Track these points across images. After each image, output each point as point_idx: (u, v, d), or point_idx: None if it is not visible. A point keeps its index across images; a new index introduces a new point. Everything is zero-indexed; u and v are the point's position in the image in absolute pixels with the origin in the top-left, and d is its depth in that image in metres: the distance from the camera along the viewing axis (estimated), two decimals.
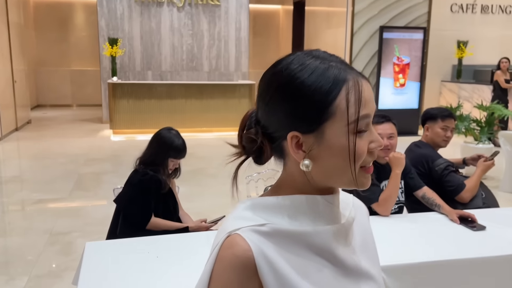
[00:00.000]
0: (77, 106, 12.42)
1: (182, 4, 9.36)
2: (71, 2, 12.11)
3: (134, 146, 7.31)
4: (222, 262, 0.71)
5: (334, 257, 0.77)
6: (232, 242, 0.72)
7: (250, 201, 0.78)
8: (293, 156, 0.75)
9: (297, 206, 0.76)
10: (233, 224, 0.74)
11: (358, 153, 0.72)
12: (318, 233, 0.75)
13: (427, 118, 2.94)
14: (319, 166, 0.74)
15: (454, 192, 2.73)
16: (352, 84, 0.72)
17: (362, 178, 0.75)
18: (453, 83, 9.24)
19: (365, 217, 0.92)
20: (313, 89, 0.71)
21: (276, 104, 0.74)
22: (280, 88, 0.73)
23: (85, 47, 12.32)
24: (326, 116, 0.71)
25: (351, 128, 0.71)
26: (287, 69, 0.73)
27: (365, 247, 0.86)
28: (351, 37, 8.64)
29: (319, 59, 0.74)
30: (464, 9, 9.26)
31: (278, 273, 0.71)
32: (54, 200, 4.73)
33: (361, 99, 0.71)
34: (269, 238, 0.73)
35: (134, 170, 2.56)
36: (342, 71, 0.72)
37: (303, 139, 0.73)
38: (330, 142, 0.72)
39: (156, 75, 9.51)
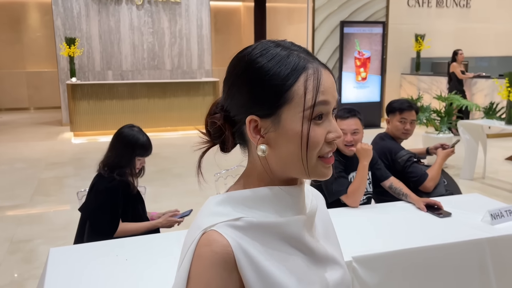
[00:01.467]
0: (35, 109, 11.99)
1: (141, 2, 9.18)
2: (23, 1, 11.66)
3: (96, 148, 7.12)
4: (201, 260, 0.70)
5: (305, 246, 0.79)
6: (209, 239, 0.71)
7: (220, 196, 0.78)
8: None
9: (266, 199, 0.77)
10: (208, 221, 0.74)
11: (312, 141, 0.73)
12: (289, 224, 0.77)
13: (388, 111, 2.99)
14: (275, 153, 0.75)
15: (418, 182, 2.79)
16: (312, 72, 0.73)
17: (320, 168, 0.76)
18: (412, 75, 9.48)
19: (324, 206, 0.95)
20: (272, 73, 0.72)
21: (237, 88, 0.76)
22: (241, 72, 0.75)
23: (40, 47, 11.90)
24: (283, 101, 0.72)
25: (306, 114, 0.72)
26: (249, 54, 0.75)
27: (328, 235, 0.89)
28: (313, 32, 8.71)
29: (281, 47, 0.75)
30: (420, 3, 9.51)
31: (257, 266, 0.71)
32: (14, 207, 4.54)
33: (319, 86, 0.72)
34: (245, 232, 0.73)
35: (98, 174, 2.42)
36: (302, 60, 0.74)
37: (261, 124, 0.74)
38: (286, 128, 0.73)
39: (117, 74, 9.30)
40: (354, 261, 1.84)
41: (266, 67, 0.73)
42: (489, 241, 2.02)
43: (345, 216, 2.32)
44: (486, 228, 2.11)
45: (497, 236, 2.05)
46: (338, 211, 2.40)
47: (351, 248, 1.90)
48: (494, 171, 5.72)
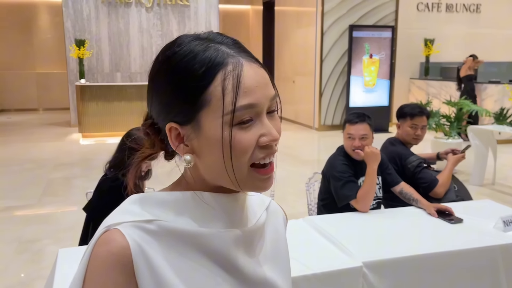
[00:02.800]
0: (44, 110, 12.06)
1: (150, 4, 9.22)
2: (34, 3, 11.75)
3: (104, 150, 7.12)
4: (96, 260, 0.62)
5: (232, 265, 0.68)
6: (109, 237, 0.63)
7: (139, 195, 0.70)
8: None
9: (192, 204, 0.68)
10: (115, 218, 0.65)
11: (237, 148, 0.63)
12: (214, 236, 0.67)
13: (399, 116, 2.96)
14: (202, 162, 0.67)
15: (428, 188, 2.76)
16: (231, 69, 0.63)
17: (253, 179, 0.66)
18: (421, 80, 9.43)
19: (281, 224, 0.83)
20: (186, 73, 0.63)
21: (153, 93, 0.68)
22: (155, 75, 0.68)
23: (50, 49, 11.98)
24: (200, 104, 0.63)
25: (227, 120, 0.62)
26: (163, 54, 0.67)
27: (275, 257, 0.77)
28: (321, 36, 8.70)
29: (199, 40, 0.66)
30: (430, 8, 9.47)
31: (157, 276, 0.62)
32: (22, 207, 4.55)
33: (239, 87, 0.62)
34: (155, 237, 0.64)
35: (104, 175, 2.44)
36: (221, 54, 0.64)
37: (182, 131, 0.66)
38: (207, 134, 0.64)
39: (126, 76, 9.33)
40: (365, 267, 1.82)
41: (179, 66, 0.64)
42: (502, 248, 2.00)
43: (354, 221, 2.30)
44: (499, 235, 2.08)
45: (510, 243, 2.02)
46: (347, 215, 2.39)
47: (361, 253, 1.88)
48: (504, 177, 5.66)
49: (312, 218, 2.34)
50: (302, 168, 5.90)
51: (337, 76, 8.88)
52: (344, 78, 8.82)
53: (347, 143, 2.50)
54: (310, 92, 9.09)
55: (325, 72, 8.81)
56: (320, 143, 8.15)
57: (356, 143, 2.47)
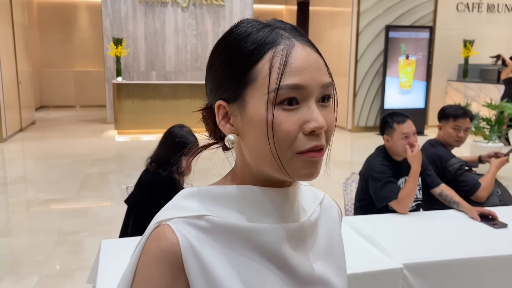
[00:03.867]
0: (81, 107, 12.40)
1: (186, 4, 9.33)
2: (75, 2, 12.10)
3: (139, 147, 7.28)
4: (146, 255, 0.63)
5: (283, 261, 0.67)
6: (159, 233, 0.63)
7: (191, 189, 0.69)
8: None
9: (242, 199, 0.67)
10: (166, 214, 0.66)
11: (279, 130, 0.60)
12: (265, 231, 0.65)
13: (441, 117, 2.90)
14: (245, 145, 0.65)
15: (470, 192, 2.69)
16: (281, 48, 0.61)
17: (297, 164, 0.62)
18: (459, 82, 9.19)
19: (336, 219, 0.81)
20: (236, 50, 0.63)
21: (208, 73, 0.69)
22: (212, 54, 0.68)
23: (88, 48, 12.31)
24: (246, 81, 0.62)
25: (271, 98, 0.60)
26: (222, 36, 0.67)
27: (329, 253, 0.75)
28: (357, 36, 8.60)
29: (257, 22, 0.65)
30: (470, 8, 9.22)
31: (208, 272, 0.62)
32: (61, 200, 4.69)
33: (286, 65, 0.60)
34: (205, 233, 0.64)
35: (145, 169, 2.50)
36: (274, 34, 0.62)
37: (229, 110, 0.65)
38: (250, 113, 0.62)
39: (160, 75, 9.48)
40: (405, 269, 1.79)
41: (232, 43, 0.64)
42: None
43: (393, 222, 2.27)
44: None
45: None
46: (386, 216, 2.35)
47: (402, 254, 1.85)
48: None
49: (350, 218, 2.32)
50: (335, 169, 5.85)
51: (372, 77, 8.76)
52: (379, 79, 8.70)
53: (403, 142, 2.45)
54: (344, 93, 9.01)
55: (360, 73, 8.71)
56: (353, 144, 8.06)
57: (413, 139, 2.45)
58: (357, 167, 2.75)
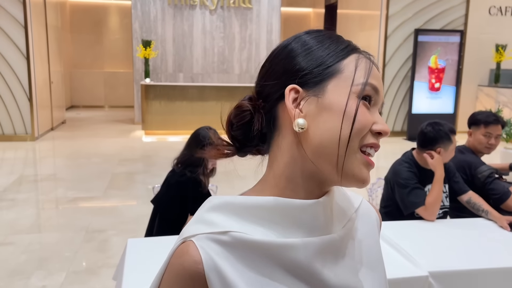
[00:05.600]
0: (109, 107, 12.64)
1: (214, 7, 9.42)
2: (106, 5, 12.37)
3: (165, 147, 7.37)
4: (170, 272, 0.64)
5: (314, 277, 0.64)
6: (183, 250, 0.63)
7: (218, 199, 0.68)
8: (286, 124, 0.67)
9: (273, 211, 0.65)
10: (192, 229, 0.65)
11: (359, 119, 0.63)
12: (294, 247, 0.63)
13: (472, 123, 2.84)
14: (312, 131, 0.64)
15: (500, 200, 2.63)
16: (363, 56, 0.68)
17: (358, 162, 0.64)
18: (490, 87, 8.98)
19: (374, 226, 0.78)
20: (324, 44, 0.67)
21: (279, 58, 0.68)
22: (289, 43, 0.69)
23: (118, 49, 12.56)
24: (332, 71, 0.65)
25: (355, 90, 0.64)
26: (291, 37, 0.70)
27: (367, 263, 0.73)
28: (385, 40, 8.50)
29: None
30: (503, 12, 9.00)
31: None
32: (89, 199, 4.80)
33: (371, 68, 0.66)
34: (230, 249, 0.63)
35: (172, 170, 2.54)
36: (354, 45, 0.69)
37: (302, 94, 0.65)
38: (331, 101, 0.64)
39: (188, 77, 9.59)
40: (431, 277, 1.76)
41: (319, 38, 0.68)
42: None
43: (419, 229, 2.23)
44: None
45: None
46: (412, 223, 2.32)
47: (428, 262, 1.82)
48: None
49: None
50: None
51: (400, 81, 8.64)
52: (407, 83, 8.57)
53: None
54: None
55: (388, 77, 8.60)
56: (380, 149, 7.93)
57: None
58: (384, 173, 2.72)
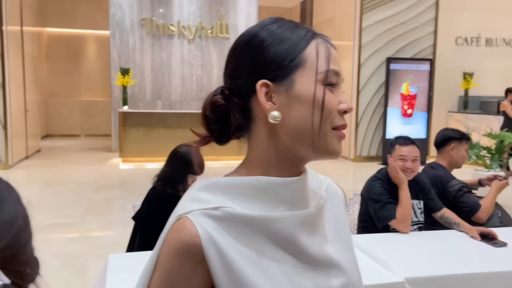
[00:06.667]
0: (86, 136, 12.53)
1: (192, 36, 9.59)
2: (83, 34, 12.43)
3: (143, 174, 7.33)
4: (168, 247, 0.67)
5: (297, 248, 0.71)
6: (180, 226, 0.67)
7: (206, 180, 0.73)
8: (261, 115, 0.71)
9: (258, 188, 0.70)
10: (185, 207, 0.69)
11: (327, 105, 0.69)
12: (279, 221, 0.69)
13: (453, 138, 2.94)
14: (286, 122, 0.70)
15: (471, 213, 2.73)
16: (322, 41, 0.72)
17: (333, 139, 0.71)
18: (460, 113, 9.31)
19: (340, 204, 0.86)
20: (284, 37, 0.71)
21: (244, 56, 0.72)
22: (251, 38, 0.72)
23: (95, 78, 12.56)
24: (297, 63, 0.70)
25: (320, 78, 0.70)
26: (256, 25, 0.74)
27: (337, 236, 0.79)
28: (358, 68, 8.78)
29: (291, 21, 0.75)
30: (469, 42, 9.44)
31: (227, 262, 0.65)
32: (66, 225, 4.72)
33: (331, 54, 0.71)
34: (223, 224, 0.67)
35: (152, 187, 2.57)
36: (312, 32, 0.73)
37: (272, 88, 0.70)
38: (299, 91, 0.69)
39: (166, 105, 9.64)
40: (407, 283, 1.82)
41: (276, 32, 0.71)
42: None
43: (395, 241, 2.31)
44: None
45: None
46: (388, 235, 2.39)
47: (404, 269, 1.89)
48: None
49: (352, 236, 2.35)
50: None
51: (373, 108, 8.89)
52: (381, 109, 8.82)
53: (399, 164, 2.52)
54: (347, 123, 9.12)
55: (362, 104, 8.85)
56: (356, 173, 8.11)
57: (409, 164, 2.51)
58: (357, 201, 2.81)
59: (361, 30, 8.71)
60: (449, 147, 2.94)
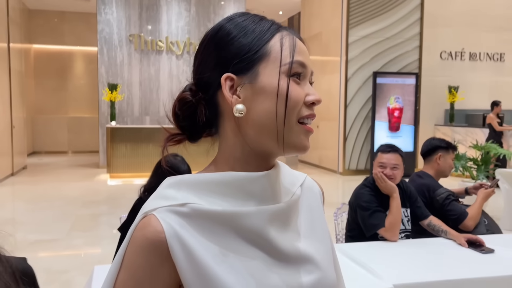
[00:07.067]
0: (73, 153, 12.42)
1: (181, 52, 9.63)
2: (71, 51, 12.41)
3: (131, 190, 7.24)
4: (133, 244, 0.66)
5: (268, 243, 0.69)
6: (145, 223, 0.66)
7: (173, 178, 0.72)
8: (227, 110, 0.71)
9: (225, 184, 0.70)
10: (151, 204, 0.69)
11: (291, 97, 0.68)
12: (247, 215, 0.68)
13: (440, 147, 2.96)
14: (251, 115, 0.69)
15: (458, 221, 2.74)
16: (287, 33, 0.72)
17: (299, 133, 0.70)
18: (446, 126, 9.42)
19: (317, 199, 0.84)
20: (248, 30, 0.70)
21: (211, 49, 0.72)
22: (215, 32, 0.72)
23: (83, 94, 12.50)
24: (261, 55, 0.69)
25: (284, 70, 0.69)
26: (222, 20, 0.74)
27: (312, 232, 0.78)
28: (346, 82, 8.87)
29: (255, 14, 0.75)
30: (453, 57, 9.60)
31: (194, 259, 0.65)
32: (51, 241, 4.64)
33: (296, 45, 0.71)
34: (189, 220, 0.67)
35: (139, 198, 2.54)
36: (277, 25, 0.73)
37: (237, 81, 0.70)
38: (264, 83, 0.69)
39: (154, 120, 9.62)
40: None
41: (241, 24, 0.71)
42: None
43: (383, 248, 2.30)
44: None
45: None
46: (376, 243, 2.39)
47: (392, 276, 1.88)
48: None
49: (341, 245, 2.36)
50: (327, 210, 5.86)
51: (361, 121, 8.96)
52: (368, 123, 8.90)
53: (377, 170, 2.53)
54: (335, 137, 9.17)
55: (349, 118, 8.92)
56: (345, 187, 8.12)
57: (388, 171, 2.51)
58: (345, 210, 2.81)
59: (347, 45, 8.83)
60: (436, 156, 2.96)
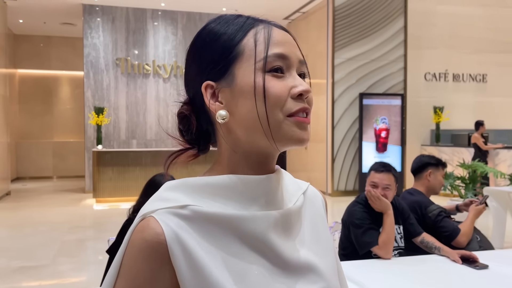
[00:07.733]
0: (58, 178, 12.22)
1: (168, 75, 9.64)
2: (56, 76, 12.34)
3: (118, 214, 7.14)
4: (131, 247, 0.63)
5: (269, 248, 0.67)
6: (144, 225, 0.63)
7: (174, 181, 0.70)
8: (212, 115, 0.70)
9: (227, 187, 0.68)
10: (150, 206, 0.66)
11: (271, 94, 0.65)
12: (249, 219, 0.66)
13: (430, 164, 2.97)
14: (236, 118, 0.67)
15: (450, 237, 2.73)
16: (262, 27, 0.69)
17: (288, 126, 0.66)
18: (432, 146, 9.51)
19: (320, 208, 0.82)
20: (220, 33, 0.69)
21: (189, 62, 0.72)
22: (192, 44, 0.72)
23: (68, 119, 12.39)
24: (234, 56, 0.67)
25: (259, 66, 0.66)
26: (203, 26, 0.73)
27: (316, 240, 0.76)
28: (332, 104, 8.94)
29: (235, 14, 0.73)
30: (437, 78, 9.77)
31: (194, 262, 0.62)
32: (36, 267, 4.50)
33: (270, 37, 0.67)
34: (190, 222, 0.64)
35: (128, 219, 2.49)
36: (252, 20, 0.70)
37: (217, 88, 0.68)
38: (240, 84, 0.66)
39: (141, 143, 9.55)
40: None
41: (214, 29, 0.69)
42: None
43: (377, 267, 2.27)
44: None
45: None
46: (370, 262, 2.36)
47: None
48: None
49: None
50: None
51: (348, 142, 9.00)
52: (355, 144, 8.94)
53: (368, 189, 2.52)
54: (323, 158, 9.18)
55: (337, 139, 8.96)
56: (334, 208, 8.09)
57: (379, 191, 2.49)
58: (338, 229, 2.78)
59: (333, 67, 8.93)
60: (426, 172, 2.96)
